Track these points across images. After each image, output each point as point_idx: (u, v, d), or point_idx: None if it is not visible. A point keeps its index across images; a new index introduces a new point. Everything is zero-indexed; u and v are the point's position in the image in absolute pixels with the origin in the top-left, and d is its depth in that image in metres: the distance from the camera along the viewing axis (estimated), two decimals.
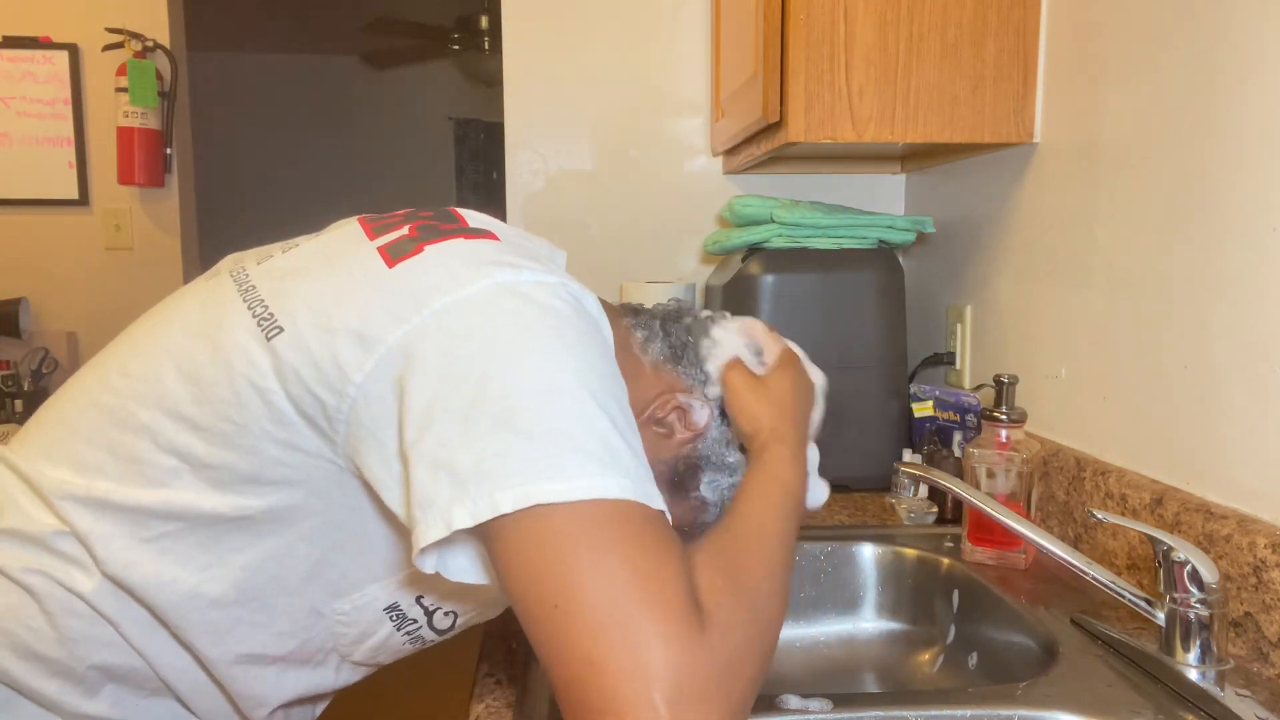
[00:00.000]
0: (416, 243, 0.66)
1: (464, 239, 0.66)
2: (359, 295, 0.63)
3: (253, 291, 0.67)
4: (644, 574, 0.53)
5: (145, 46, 2.86)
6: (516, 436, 0.55)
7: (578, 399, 0.57)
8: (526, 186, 1.79)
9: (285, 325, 0.63)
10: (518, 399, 0.56)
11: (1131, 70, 1.05)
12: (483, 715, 0.74)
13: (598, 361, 0.61)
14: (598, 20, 1.77)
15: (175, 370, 0.66)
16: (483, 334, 0.59)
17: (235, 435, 0.64)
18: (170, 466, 0.65)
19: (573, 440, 0.56)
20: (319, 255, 0.69)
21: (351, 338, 0.61)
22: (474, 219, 0.71)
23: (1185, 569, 0.77)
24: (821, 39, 1.22)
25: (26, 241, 2.97)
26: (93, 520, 0.65)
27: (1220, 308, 0.91)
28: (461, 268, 0.63)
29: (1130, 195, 1.05)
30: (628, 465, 0.57)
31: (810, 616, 1.14)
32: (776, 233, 1.42)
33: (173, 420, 0.65)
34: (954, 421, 1.33)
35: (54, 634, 0.66)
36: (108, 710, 0.68)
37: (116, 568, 0.65)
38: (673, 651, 0.51)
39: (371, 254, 0.66)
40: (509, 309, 0.60)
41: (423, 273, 0.63)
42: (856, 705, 0.76)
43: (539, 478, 0.54)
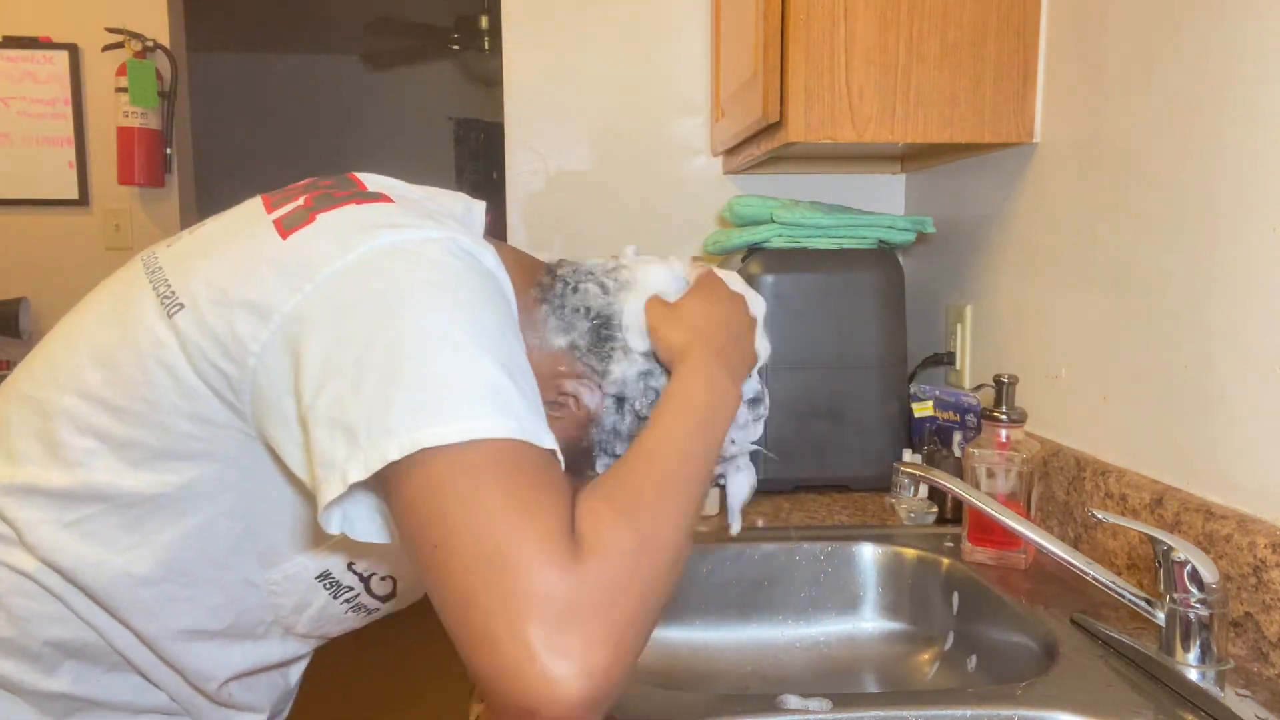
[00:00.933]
0: (310, 212, 0.67)
1: (356, 204, 0.68)
2: (254, 268, 0.65)
3: (159, 273, 0.70)
4: (519, 508, 0.53)
5: (145, 46, 2.87)
6: (402, 388, 0.56)
7: (461, 347, 0.58)
8: (526, 186, 1.79)
9: (185, 302, 0.66)
10: (403, 351, 0.58)
11: (1131, 70, 1.05)
12: (483, 715, 0.74)
13: (485, 311, 0.62)
14: (598, 20, 1.77)
15: (89, 355, 0.68)
16: (369, 293, 0.61)
17: (147, 413, 0.66)
18: (88, 448, 0.67)
19: (456, 386, 0.57)
20: (219, 233, 0.71)
21: (247, 309, 0.63)
22: (372, 183, 0.72)
23: (1185, 569, 0.77)
24: (821, 39, 1.22)
25: (26, 241, 2.97)
26: (18, 507, 0.68)
27: (1220, 308, 0.91)
28: (350, 233, 0.64)
29: (1130, 195, 1.05)
30: (512, 406, 0.57)
31: (810, 616, 1.14)
32: (776, 233, 1.42)
33: (88, 403, 0.67)
34: (954, 421, 1.33)
35: (4, 614, 0.68)
36: (69, 687, 0.70)
37: (44, 552, 0.67)
38: (544, 579, 0.51)
39: (267, 227, 0.68)
40: (395, 267, 0.62)
41: (314, 241, 0.64)
42: (856, 705, 0.76)
43: (423, 424, 0.55)
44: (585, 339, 0.78)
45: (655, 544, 0.58)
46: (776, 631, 1.13)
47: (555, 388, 0.78)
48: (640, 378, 0.78)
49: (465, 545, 0.53)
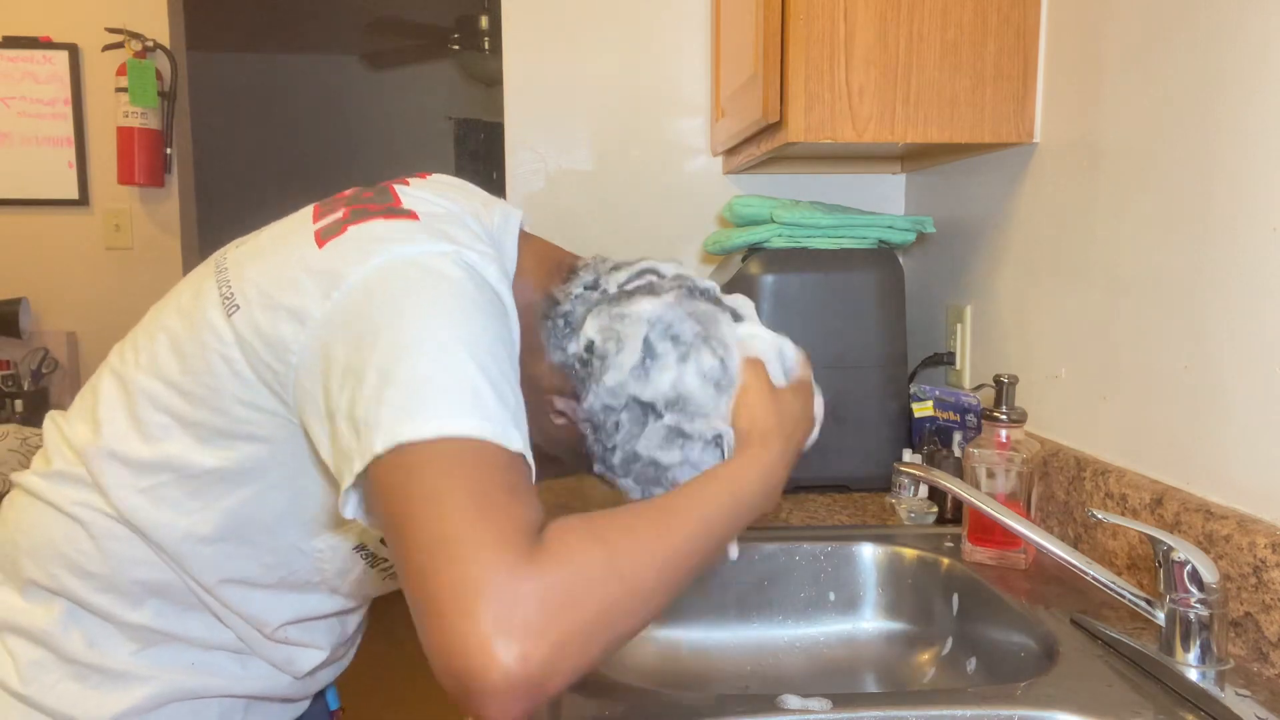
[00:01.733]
0: (343, 224, 0.74)
1: (383, 219, 0.74)
2: (295, 275, 0.71)
3: (224, 273, 0.78)
4: (481, 503, 0.57)
5: (145, 46, 2.87)
6: (392, 386, 0.62)
7: (448, 350, 0.63)
8: (526, 186, 1.79)
9: (241, 303, 0.74)
10: (398, 353, 0.63)
11: (1131, 70, 1.05)
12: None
13: (478, 319, 0.67)
14: (598, 20, 1.77)
15: (167, 344, 0.77)
16: (379, 300, 0.67)
17: (210, 398, 0.74)
18: (163, 424, 0.76)
19: (437, 386, 0.61)
20: (273, 239, 0.78)
21: (289, 314, 0.70)
22: (408, 198, 0.77)
23: (1185, 569, 0.77)
24: (821, 39, 1.22)
25: (26, 241, 2.97)
26: (101, 468, 0.77)
27: (1220, 308, 0.91)
28: (369, 245, 0.71)
29: (1130, 195, 1.05)
30: (489, 409, 0.61)
31: (810, 616, 1.14)
32: (776, 233, 1.42)
33: (164, 385, 0.76)
34: (954, 421, 1.33)
35: (99, 555, 0.78)
36: (150, 620, 0.80)
37: (124, 510, 0.77)
38: (496, 570, 0.54)
39: (309, 236, 0.74)
40: (401, 277, 0.68)
41: (343, 252, 0.71)
42: (856, 705, 0.76)
43: (403, 420, 0.60)
44: (578, 357, 0.82)
45: (625, 575, 0.59)
46: (776, 631, 1.13)
47: (552, 405, 0.84)
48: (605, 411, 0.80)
49: (425, 532, 0.56)
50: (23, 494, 0.82)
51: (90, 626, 0.79)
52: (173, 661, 0.81)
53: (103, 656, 0.79)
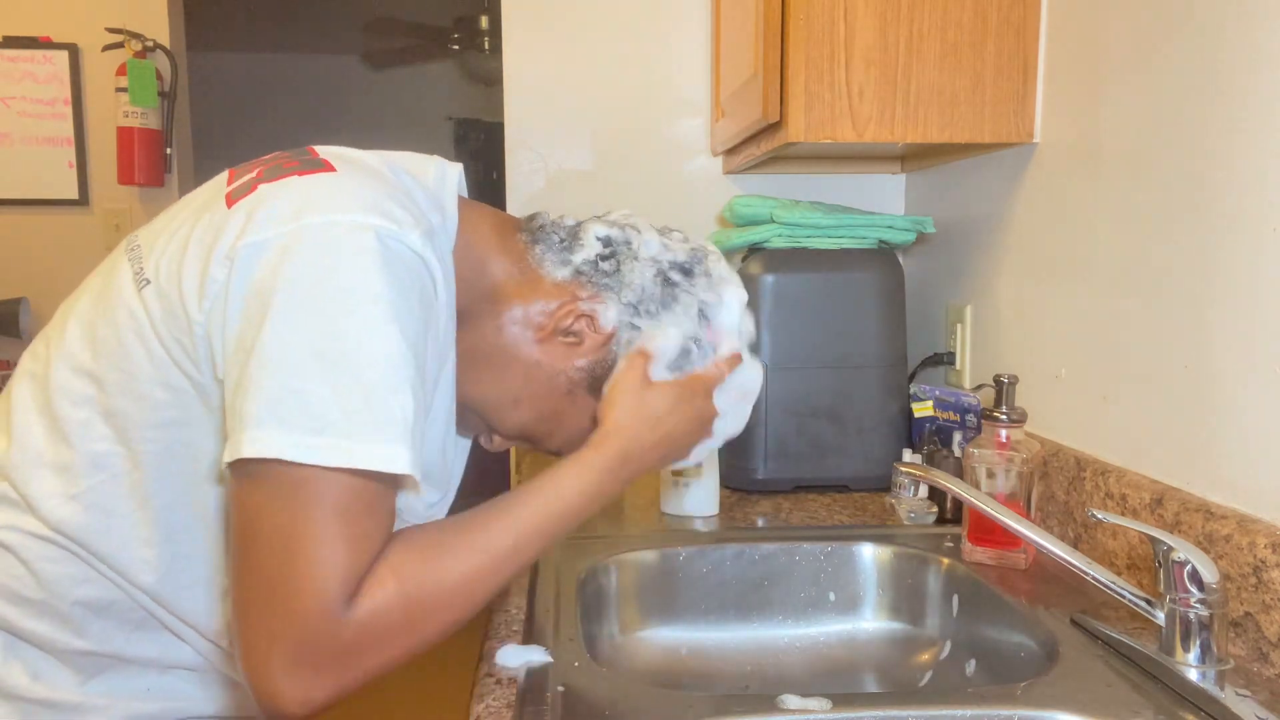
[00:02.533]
0: (253, 183, 0.70)
1: (297, 175, 0.69)
2: (200, 240, 0.68)
3: (136, 250, 0.74)
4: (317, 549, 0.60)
5: (145, 46, 2.86)
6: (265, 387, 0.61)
7: (323, 356, 0.61)
8: (526, 186, 1.79)
9: (150, 277, 0.70)
10: (281, 348, 0.61)
11: (1131, 70, 1.05)
12: (483, 715, 0.74)
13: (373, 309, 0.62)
14: (598, 20, 1.77)
15: (78, 331, 0.73)
16: (271, 276, 0.63)
17: (126, 383, 0.70)
18: (82, 419, 0.71)
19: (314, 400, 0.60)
20: (184, 207, 0.75)
21: (192, 281, 0.67)
22: (327, 153, 0.74)
23: (1185, 569, 0.77)
24: (821, 39, 1.22)
25: (26, 241, 2.97)
26: (27, 480, 0.72)
27: (1220, 308, 0.91)
28: (281, 206, 0.66)
29: (1130, 195, 1.05)
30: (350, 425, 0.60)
31: (810, 616, 1.14)
32: (776, 233, 1.42)
33: (78, 376, 0.71)
34: (954, 421, 1.33)
35: (33, 579, 0.73)
36: (97, 645, 0.75)
37: (56, 523, 0.72)
38: (304, 621, 0.59)
39: (220, 198, 0.71)
40: (302, 251, 0.63)
41: (249, 212, 0.67)
42: (856, 705, 0.76)
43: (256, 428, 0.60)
44: (591, 261, 0.82)
45: (425, 627, 0.64)
46: (776, 631, 1.13)
47: (568, 314, 0.80)
48: (656, 279, 0.82)
49: (265, 557, 0.60)
50: None
51: (31, 658, 0.74)
52: (126, 689, 0.76)
53: (50, 690, 0.73)
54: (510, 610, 0.95)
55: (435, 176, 0.79)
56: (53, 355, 0.73)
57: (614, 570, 1.09)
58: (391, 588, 0.62)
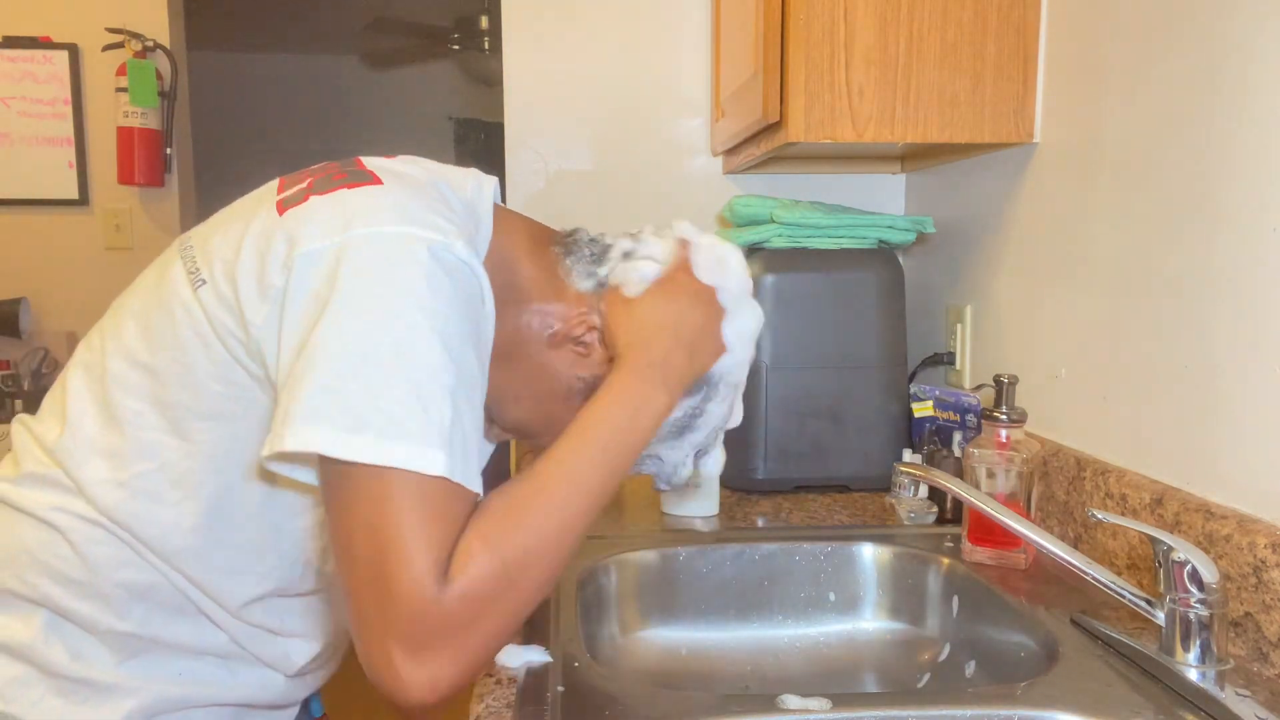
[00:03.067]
0: (306, 193, 0.72)
1: (347, 188, 0.72)
2: (255, 246, 0.70)
3: (189, 250, 0.76)
4: (402, 540, 0.61)
5: (145, 46, 2.86)
6: (313, 377, 0.63)
7: (383, 362, 0.63)
8: (526, 186, 1.79)
9: (206, 277, 0.72)
10: (330, 351, 0.63)
11: (1131, 70, 1.05)
12: (483, 715, 0.74)
13: (427, 319, 0.65)
14: (598, 20, 1.77)
15: (134, 325, 0.76)
16: (326, 284, 0.66)
17: (183, 375, 0.73)
18: (137, 409, 0.74)
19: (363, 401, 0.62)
20: (236, 211, 0.77)
21: (250, 284, 0.69)
22: (373, 164, 0.76)
23: (1185, 569, 0.77)
24: (821, 39, 1.22)
25: (26, 241, 2.97)
26: (79, 465, 0.75)
27: (1220, 308, 0.91)
28: (332, 219, 0.69)
29: (1130, 195, 1.05)
30: (412, 430, 0.62)
31: (810, 616, 1.14)
32: (776, 233, 1.42)
33: (134, 368, 0.74)
34: (954, 421, 1.33)
35: (79, 560, 0.75)
36: (137, 627, 0.77)
37: (105, 507, 0.75)
38: (410, 603, 0.60)
39: (271, 206, 0.73)
40: (358, 260, 0.66)
41: (303, 222, 0.69)
42: (856, 705, 0.76)
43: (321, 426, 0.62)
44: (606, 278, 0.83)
45: (523, 581, 0.66)
46: (776, 631, 1.13)
47: (581, 324, 0.82)
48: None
49: (358, 552, 0.62)
50: None
51: (73, 638, 0.76)
52: (160, 671, 0.79)
53: (88, 669, 0.76)
54: None
55: (473, 188, 0.82)
56: (108, 347, 0.76)
57: (614, 570, 1.09)
58: (481, 554, 0.63)
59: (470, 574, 0.63)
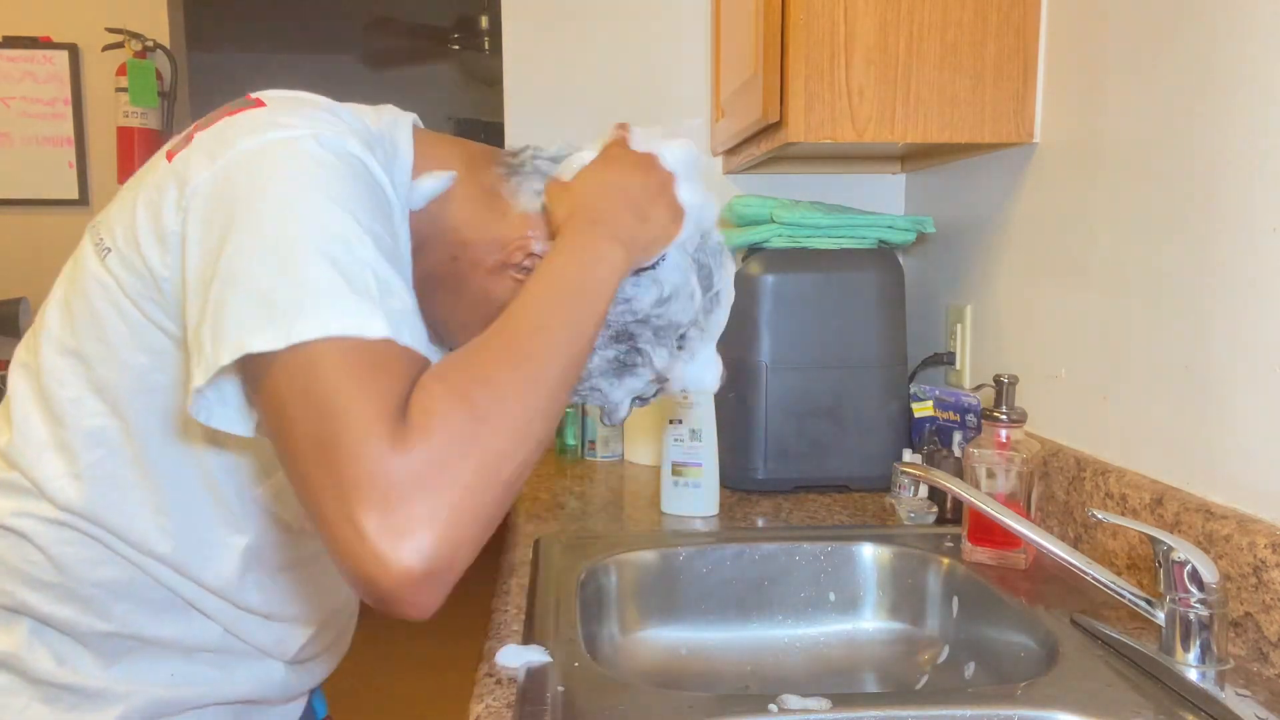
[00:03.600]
0: (190, 134, 0.71)
1: (228, 115, 0.70)
2: (148, 199, 0.68)
3: (95, 228, 0.75)
4: (344, 400, 0.55)
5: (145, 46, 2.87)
6: (237, 292, 0.59)
7: (294, 247, 0.59)
8: None
9: (110, 245, 0.71)
10: (242, 257, 0.60)
11: (1131, 70, 1.05)
12: (483, 715, 0.74)
13: (327, 199, 0.62)
14: (598, 20, 1.77)
15: (57, 313, 0.74)
16: (222, 201, 0.63)
17: (107, 354, 0.71)
18: (73, 397, 0.72)
19: (282, 291, 0.58)
20: (132, 180, 0.75)
21: (150, 238, 0.67)
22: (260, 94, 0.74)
23: (1185, 569, 0.77)
24: (821, 39, 1.22)
25: (26, 241, 2.97)
26: (32, 465, 0.73)
27: (1220, 308, 0.91)
28: (215, 144, 0.66)
29: (1130, 195, 1.05)
30: (340, 302, 0.58)
31: (810, 616, 1.14)
32: (776, 233, 1.42)
33: (63, 355, 0.73)
34: (954, 421, 1.33)
35: (50, 564, 0.73)
36: (121, 627, 0.75)
37: (66, 503, 0.73)
38: (369, 462, 0.53)
39: (161, 157, 0.72)
40: (243, 170, 0.63)
41: (189, 158, 0.67)
42: (856, 705, 0.76)
43: (249, 329, 0.57)
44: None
45: (492, 419, 0.58)
46: (776, 631, 1.13)
47: (519, 250, 0.79)
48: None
49: (301, 435, 0.56)
50: None
51: (57, 644, 0.75)
52: (149, 674, 0.77)
53: (74, 674, 0.74)
54: (510, 610, 0.95)
55: (388, 121, 0.79)
56: (39, 342, 0.75)
57: (614, 570, 1.09)
58: (440, 391, 0.57)
59: (431, 411, 0.56)
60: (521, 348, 0.63)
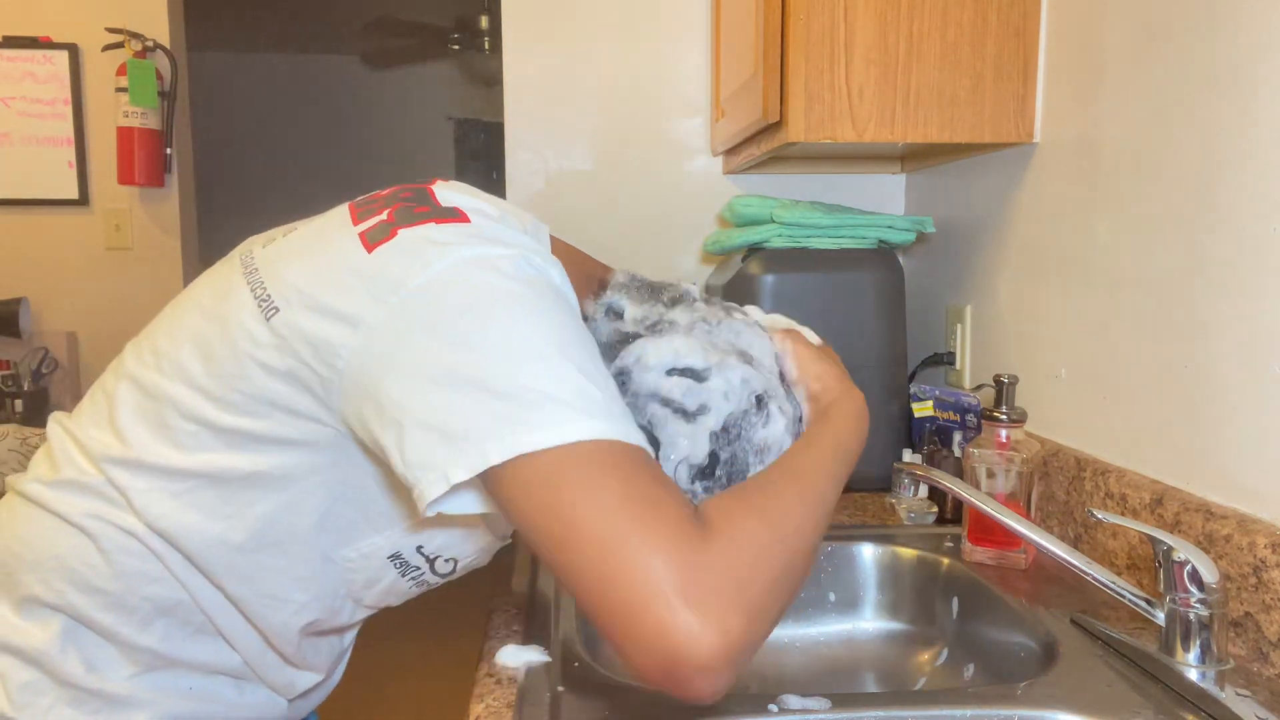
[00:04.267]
0: (392, 227, 0.72)
1: (434, 223, 0.71)
2: (342, 279, 0.69)
3: (255, 274, 0.75)
4: (635, 497, 0.58)
5: (145, 46, 2.87)
6: (494, 396, 0.61)
7: (545, 356, 0.63)
8: (526, 186, 1.79)
9: (280, 306, 0.71)
10: (491, 362, 0.62)
11: (1131, 70, 1.05)
12: (483, 715, 0.74)
13: (560, 320, 0.66)
14: (597, 20, 1.77)
15: (192, 348, 0.74)
16: (454, 306, 0.65)
17: (244, 404, 0.72)
18: (192, 431, 0.73)
19: (544, 393, 0.61)
20: (311, 239, 0.76)
21: (336, 317, 0.68)
22: (445, 199, 0.76)
23: (1185, 569, 0.77)
24: (821, 39, 1.22)
25: (26, 241, 2.97)
26: (129, 477, 0.74)
27: (1220, 308, 0.91)
28: (429, 250, 0.68)
29: (1130, 195, 1.05)
30: (602, 408, 0.62)
31: (810, 616, 1.14)
32: (776, 233, 1.42)
33: (191, 391, 0.73)
34: (954, 421, 1.33)
35: (109, 569, 0.75)
36: (157, 643, 0.77)
37: (151, 518, 0.74)
38: (675, 555, 0.55)
39: (354, 239, 0.72)
40: (475, 281, 0.66)
41: (398, 256, 0.69)
42: (856, 705, 0.76)
43: (519, 429, 0.59)
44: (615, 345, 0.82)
45: (784, 538, 0.63)
46: (776, 631, 1.12)
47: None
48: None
49: (590, 538, 0.57)
50: (23, 502, 0.77)
51: (89, 647, 0.76)
52: (172, 687, 0.78)
53: (101, 680, 0.76)
54: (510, 610, 0.95)
55: (531, 219, 0.83)
56: (163, 366, 0.75)
57: None
58: (730, 500, 0.63)
59: (732, 516, 0.60)
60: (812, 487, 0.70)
